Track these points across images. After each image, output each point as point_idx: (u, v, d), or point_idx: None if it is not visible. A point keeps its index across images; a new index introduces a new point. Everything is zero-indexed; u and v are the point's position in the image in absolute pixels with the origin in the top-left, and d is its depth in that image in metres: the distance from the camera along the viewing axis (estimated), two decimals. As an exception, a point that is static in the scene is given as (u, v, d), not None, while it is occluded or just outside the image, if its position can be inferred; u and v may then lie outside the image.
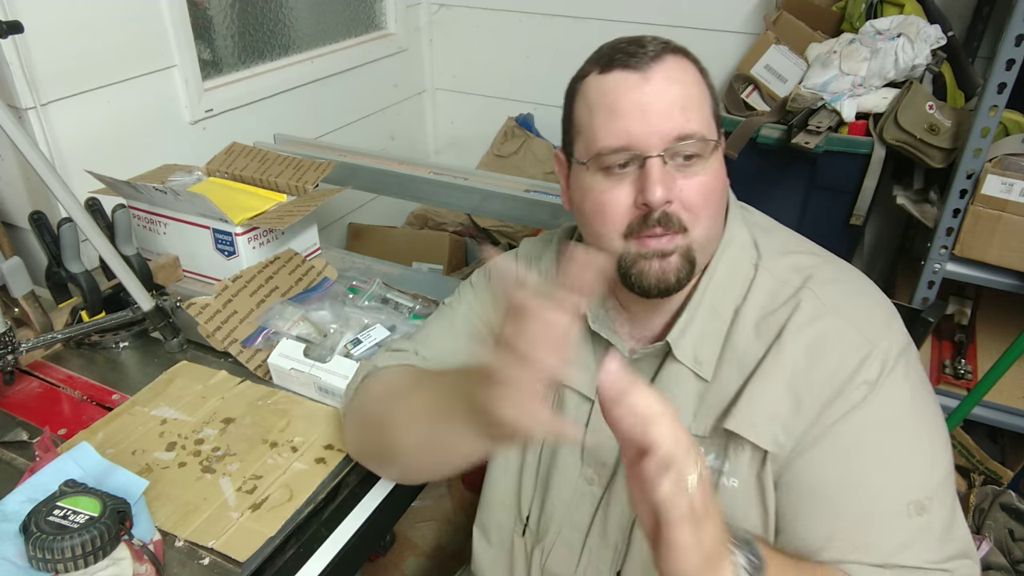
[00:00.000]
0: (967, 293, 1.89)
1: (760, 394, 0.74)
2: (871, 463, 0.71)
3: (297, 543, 0.85)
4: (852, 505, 0.71)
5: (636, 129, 0.72)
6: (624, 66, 0.74)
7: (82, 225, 1.06)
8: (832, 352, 0.73)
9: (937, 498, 0.71)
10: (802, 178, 1.73)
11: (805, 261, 0.80)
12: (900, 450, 0.72)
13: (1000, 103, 1.39)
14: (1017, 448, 1.76)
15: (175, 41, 1.60)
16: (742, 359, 0.77)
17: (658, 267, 0.75)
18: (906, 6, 1.71)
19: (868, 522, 0.70)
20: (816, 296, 0.76)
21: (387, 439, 0.83)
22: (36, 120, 1.38)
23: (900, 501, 0.70)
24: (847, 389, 0.72)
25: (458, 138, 2.72)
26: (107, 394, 1.08)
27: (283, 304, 1.17)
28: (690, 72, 0.76)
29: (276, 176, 1.40)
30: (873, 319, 0.76)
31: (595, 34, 2.25)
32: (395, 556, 1.67)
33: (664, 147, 0.72)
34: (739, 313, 0.78)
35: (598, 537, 0.86)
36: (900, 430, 0.72)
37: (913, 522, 0.70)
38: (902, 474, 0.71)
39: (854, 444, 0.71)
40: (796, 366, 0.73)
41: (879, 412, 0.71)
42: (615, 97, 0.74)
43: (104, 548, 0.76)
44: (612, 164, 0.74)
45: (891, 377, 0.72)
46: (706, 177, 0.75)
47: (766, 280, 0.79)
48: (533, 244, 1.00)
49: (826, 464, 0.72)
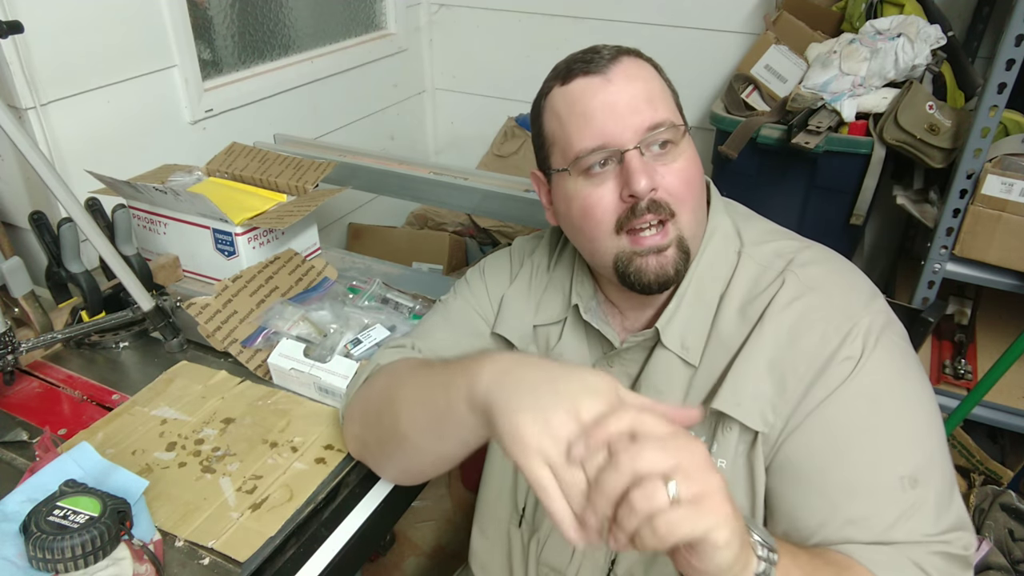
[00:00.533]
0: (967, 293, 1.89)
1: (744, 373, 0.75)
2: (859, 439, 0.71)
3: (297, 543, 0.85)
4: (842, 482, 0.71)
5: (609, 127, 0.75)
6: (584, 73, 0.77)
7: (82, 225, 1.06)
8: (813, 330, 0.74)
9: (930, 470, 0.70)
10: (802, 178, 1.73)
11: (787, 246, 0.82)
12: (887, 425, 0.72)
13: (1000, 103, 1.39)
14: (1017, 448, 1.76)
15: (175, 41, 1.60)
16: (727, 342, 0.78)
17: (655, 263, 0.77)
18: (906, 6, 1.71)
19: (860, 498, 0.70)
20: (797, 277, 0.77)
21: (387, 425, 0.83)
22: (36, 120, 1.38)
23: (891, 475, 0.70)
24: (830, 366, 0.72)
25: (458, 138, 2.72)
26: (107, 394, 1.08)
27: (283, 304, 1.17)
28: (647, 69, 0.79)
29: (276, 176, 1.40)
30: (854, 297, 0.77)
31: (595, 34, 2.25)
32: (395, 556, 1.67)
33: (638, 139, 0.75)
34: (724, 299, 0.80)
35: None
36: (886, 404, 0.72)
37: (907, 496, 0.69)
38: (891, 448, 0.71)
39: (841, 421, 0.71)
40: (778, 345, 0.74)
41: (864, 387, 0.72)
42: (583, 102, 0.77)
43: (104, 548, 0.76)
44: (592, 165, 0.77)
45: (875, 353, 0.72)
46: (684, 163, 0.77)
47: (749, 266, 0.81)
48: (526, 241, 1.01)
49: (814, 443, 0.72)
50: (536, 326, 0.92)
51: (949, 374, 1.67)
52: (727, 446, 0.76)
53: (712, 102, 1.95)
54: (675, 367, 0.81)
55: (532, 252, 0.98)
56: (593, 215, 0.78)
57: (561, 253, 0.94)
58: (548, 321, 0.92)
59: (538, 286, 0.94)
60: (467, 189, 1.58)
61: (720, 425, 0.77)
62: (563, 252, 0.94)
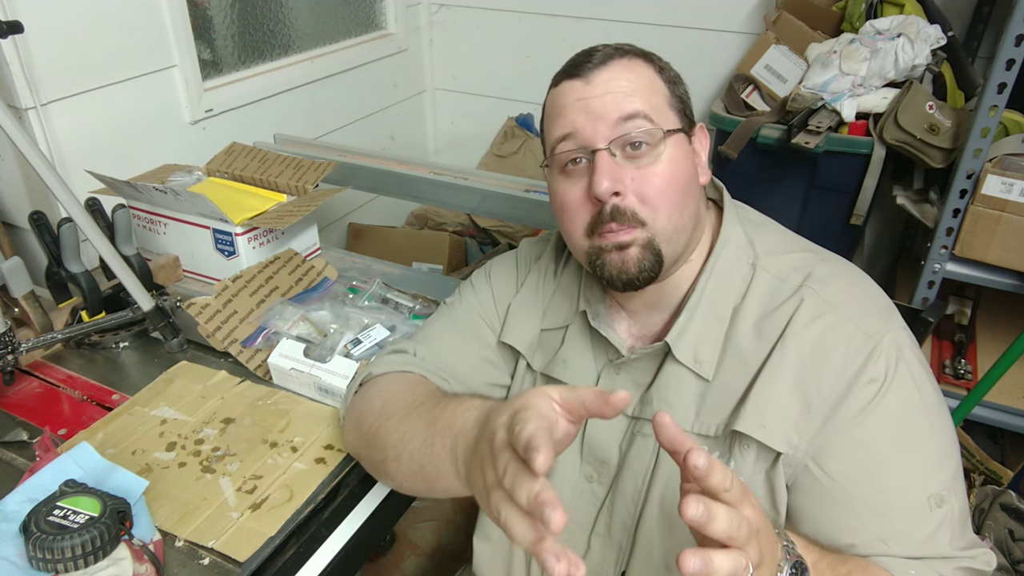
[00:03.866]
0: (967, 293, 1.89)
1: (767, 395, 0.75)
2: (889, 461, 0.72)
3: (297, 543, 0.85)
4: (873, 503, 0.72)
5: (580, 120, 0.77)
6: (569, 76, 0.80)
7: (82, 225, 1.06)
8: (836, 350, 0.74)
9: (953, 488, 0.73)
10: (802, 178, 1.73)
11: (803, 259, 0.81)
12: (915, 446, 0.73)
13: (1000, 103, 1.39)
14: (1017, 448, 1.76)
15: (175, 41, 1.60)
16: (746, 359, 0.77)
17: (617, 259, 0.77)
18: (906, 6, 1.71)
19: (891, 519, 0.72)
20: (817, 294, 0.77)
21: (377, 460, 0.83)
22: (36, 120, 1.38)
23: (921, 495, 0.72)
24: (855, 388, 0.72)
25: (458, 138, 2.72)
26: (107, 394, 1.08)
27: (283, 304, 1.17)
28: (637, 68, 0.79)
29: (276, 176, 1.40)
30: (874, 315, 0.76)
31: (595, 34, 2.25)
32: (395, 556, 1.67)
33: (610, 138, 0.75)
34: (738, 312, 0.79)
35: (602, 536, 0.86)
36: (912, 426, 0.73)
37: (934, 514, 0.71)
38: (919, 469, 0.73)
39: (870, 444, 0.72)
40: (802, 364, 0.74)
41: (890, 410, 0.72)
42: (562, 101, 0.79)
43: (104, 548, 0.76)
44: (565, 161, 0.78)
45: (897, 374, 0.73)
46: (661, 167, 0.76)
47: (765, 279, 0.80)
48: (532, 245, 1.01)
49: (843, 465, 0.73)
50: (543, 330, 0.92)
51: (949, 374, 1.67)
52: (744, 465, 0.76)
53: (712, 102, 1.95)
54: (687, 380, 0.80)
55: (538, 257, 0.97)
56: (567, 213, 0.79)
57: (569, 258, 0.93)
58: (555, 326, 0.91)
59: (546, 292, 0.94)
60: (467, 189, 1.58)
61: (737, 444, 0.76)
62: (571, 257, 0.93)
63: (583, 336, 0.88)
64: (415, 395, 0.83)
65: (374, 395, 0.88)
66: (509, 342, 0.93)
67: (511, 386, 0.96)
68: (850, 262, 0.84)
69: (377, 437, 0.82)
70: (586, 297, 0.88)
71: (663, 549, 0.81)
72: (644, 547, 0.82)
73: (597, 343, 0.87)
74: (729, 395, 0.78)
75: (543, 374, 0.91)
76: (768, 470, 0.75)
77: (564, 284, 0.92)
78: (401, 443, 0.78)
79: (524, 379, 0.93)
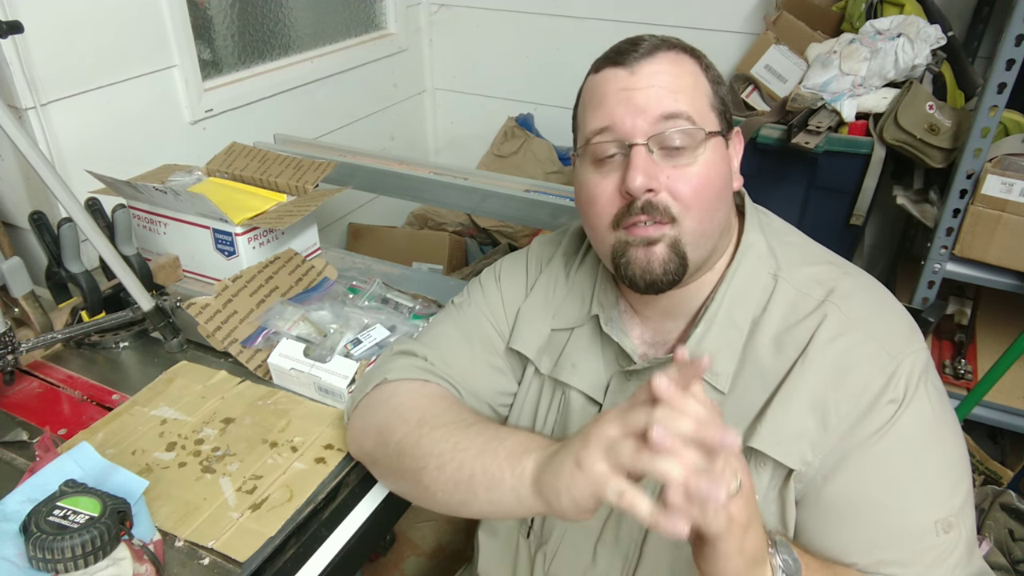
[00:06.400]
0: (967, 293, 1.89)
1: (785, 412, 0.73)
2: (900, 483, 0.71)
3: (297, 543, 0.85)
4: (880, 525, 0.71)
5: (619, 112, 0.74)
6: (613, 64, 0.76)
7: (82, 225, 1.06)
8: (858, 369, 0.72)
9: (962, 515, 0.72)
10: (802, 178, 1.73)
11: (826, 272, 0.79)
12: (927, 471, 0.72)
13: (1000, 103, 1.39)
14: (1017, 448, 1.76)
15: (175, 41, 1.60)
16: (764, 373, 0.75)
17: (643, 257, 0.74)
18: (906, 6, 1.71)
19: (897, 542, 0.71)
20: (840, 310, 0.75)
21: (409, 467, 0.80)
22: (36, 120, 1.38)
23: (928, 519, 0.70)
24: (874, 409, 0.71)
25: (458, 138, 2.72)
26: (107, 394, 1.08)
27: (283, 304, 1.17)
28: (684, 64, 0.76)
29: (276, 176, 1.40)
30: (897, 334, 0.75)
31: (595, 34, 2.25)
32: (395, 556, 1.67)
33: (649, 134, 0.73)
34: (758, 324, 0.77)
35: (609, 544, 0.85)
36: (926, 451, 0.72)
37: (940, 540, 0.70)
38: (930, 494, 0.71)
39: (883, 465, 0.71)
40: (822, 382, 0.72)
41: (906, 432, 0.71)
42: (603, 90, 0.76)
43: (104, 548, 0.76)
44: (601, 154, 0.75)
45: (916, 395, 0.72)
46: (698, 168, 0.73)
47: (786, 290, 0.77)
48: (544, 246, 0.97)
49: (854, 484, 0.72)
50: (553, 330, 0.89)
51: (949, 374, 1.67)
52: (759, 483, 0.75)
53: (712, 102, 1.95)
54: None
55: (550, 260, 0.94)
56: (594, 205, 0.76)
57: (583, 259, 0.91)
58: (564, 326, 0.88)
59: (557, 295, 0.91)
60: (467, 189, 1.58)
61: (753, 461, 0.74)
62: (586, 258, 0.91)
63: (593, 340, 0.86)
64: (463, 412, 0.83)
65: (400, 404, 0.85)
66: (518, 348, 0.90)
67: (518, 392, 0.93)
68: (871, 276, 0.82)
69: (419, 447, 0.79)
70: (599, 300, 0.86)
71: (670, 561, 0.80)
72: (651, 558, 0.81)
73: (608, 348, 0.85)
74: (746, 409, 0.76)
75: (551, 377, 0.89)
76: (780, 487, 0.74)
77: (576, 284, 0.89)
78: (450, 452, 0.76)
79: (531, 384, 0.91)
